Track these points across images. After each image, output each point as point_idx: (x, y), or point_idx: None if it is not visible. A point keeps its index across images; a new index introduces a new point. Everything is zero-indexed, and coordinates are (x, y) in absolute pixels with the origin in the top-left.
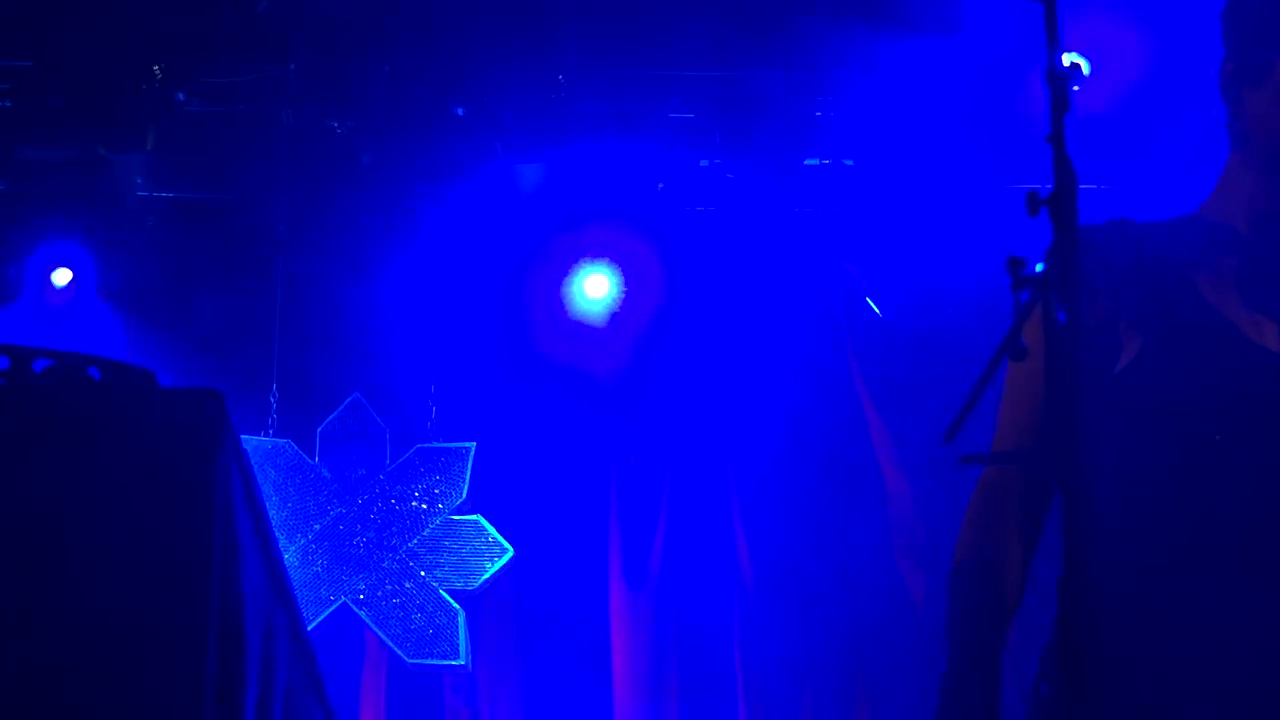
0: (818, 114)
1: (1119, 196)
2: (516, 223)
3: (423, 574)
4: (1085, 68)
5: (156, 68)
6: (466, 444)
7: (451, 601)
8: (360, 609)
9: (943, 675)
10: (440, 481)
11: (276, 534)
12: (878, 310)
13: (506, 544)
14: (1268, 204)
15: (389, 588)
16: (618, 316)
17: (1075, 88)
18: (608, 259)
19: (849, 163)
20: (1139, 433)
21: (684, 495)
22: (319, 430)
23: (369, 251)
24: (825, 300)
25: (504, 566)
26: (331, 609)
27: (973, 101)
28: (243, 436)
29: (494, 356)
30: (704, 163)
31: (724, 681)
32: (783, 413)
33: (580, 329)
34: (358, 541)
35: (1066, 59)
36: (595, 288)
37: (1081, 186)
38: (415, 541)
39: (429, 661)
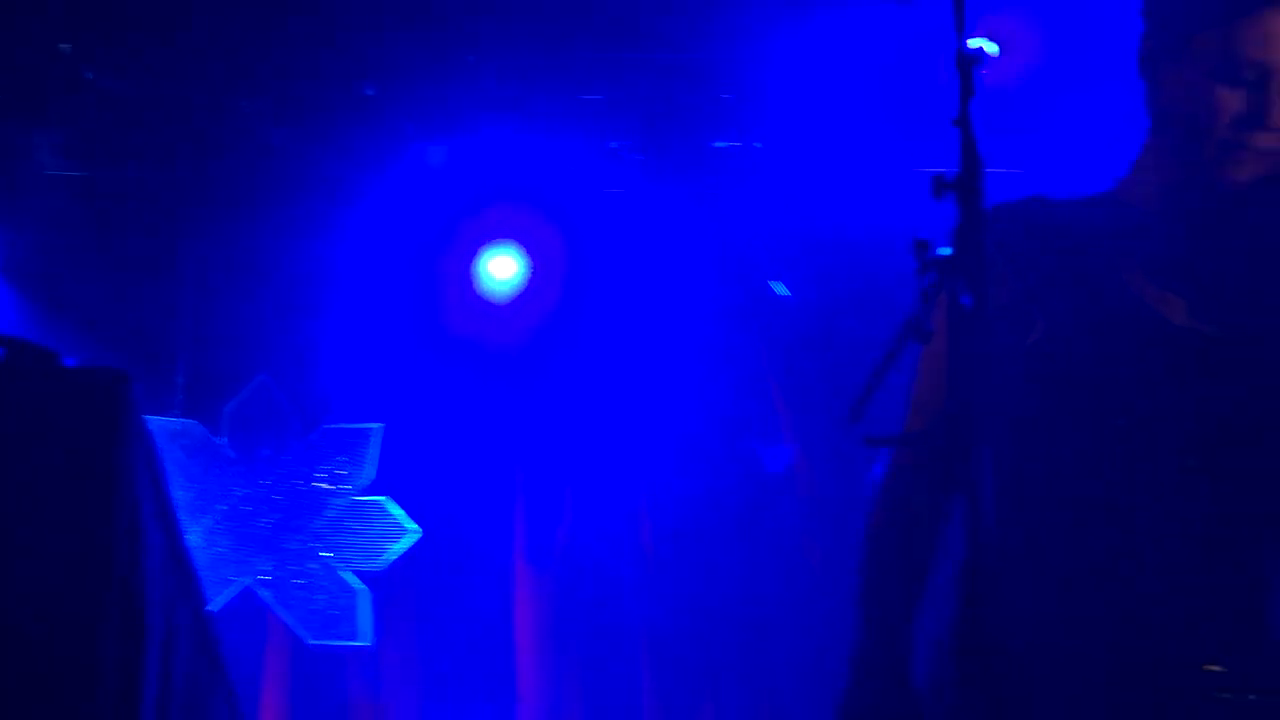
0: (727, 96)
1: (1029, 179)
2: (426, 204)
3: (327, 555)
4: (992, 50)
5: (64, 45)
6: (373, 424)
7: (356, 582)
8: (264, 590)
9: (854, 647)
10: (346, 462)
11: (180, 515)
12: (785, 291)
13: (413, 524)
14: (1182, 181)
15: (293, 569)
16: (527, 297)
17: (983, 72)
18: (516, 240)
19: (758, 145)
20: (1049, 405)
21: (589, 476)
22: (225, 411)
23: (277, 231)
24: (732, 281)
25: (410, 547)
26: (235, 590)
27: (883, 84)
28: (148, 417)
29: (403, 337)
30: (613, 145)
31: (627, 660)
32: (690, 393)
33: (488, 310)
34: (262, 522)
35: (973, 43)
36: (502, 269)
37: (989, 170)
38: (320, 523)
39: (332, 643)
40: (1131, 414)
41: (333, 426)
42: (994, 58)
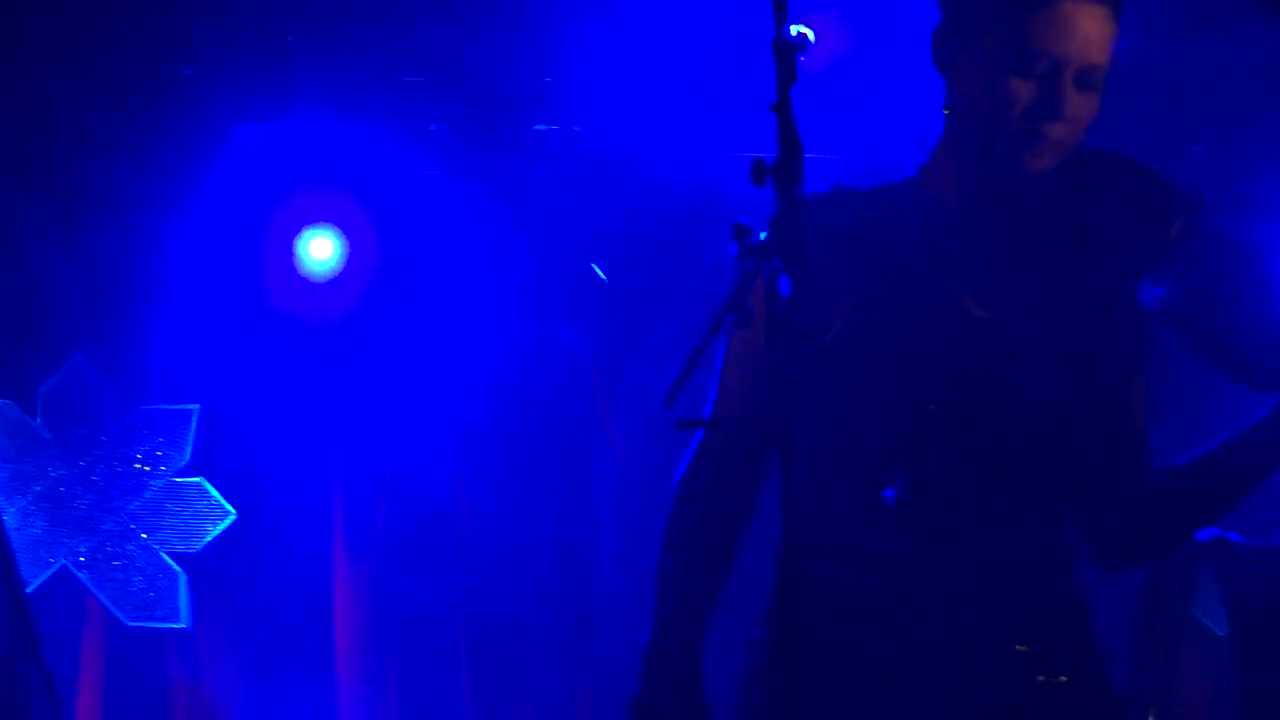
0: (547, 79)
1: (846, 165)
2: (245, 183)
3: (144, 536)
4: (811, 36)
5: None
6: (190, 406)
7: (173, 564)
8: (81, 571)
9: (648, 640)
10: (163, 443)
11: None
12: (603, 275)
13: (229, 507)
14: (979, 170)
15: (110, 550)
16: (346, 279)
17: (802, 58)
18: (333, 222)
19: (577, 129)
20: (850, 399)
21: (408, 460)
22: (39, 391)
23: (93, 210)
24: (551, 264)
25: (226, 530)
26: (51, 571)
27: (704, 68)
28: None
29: (221, 318)
30: (432, 127)
31: (446, 649)
32: (508, 376)
33: (308, 291)
34: (79, 503)
35: (794, 29)
36: (320, 250)
37: (809, 155)
38: (137, 504)
39: (149, 625)
40: (938, 404)
41: (151, 407)
42: (813, 43)
